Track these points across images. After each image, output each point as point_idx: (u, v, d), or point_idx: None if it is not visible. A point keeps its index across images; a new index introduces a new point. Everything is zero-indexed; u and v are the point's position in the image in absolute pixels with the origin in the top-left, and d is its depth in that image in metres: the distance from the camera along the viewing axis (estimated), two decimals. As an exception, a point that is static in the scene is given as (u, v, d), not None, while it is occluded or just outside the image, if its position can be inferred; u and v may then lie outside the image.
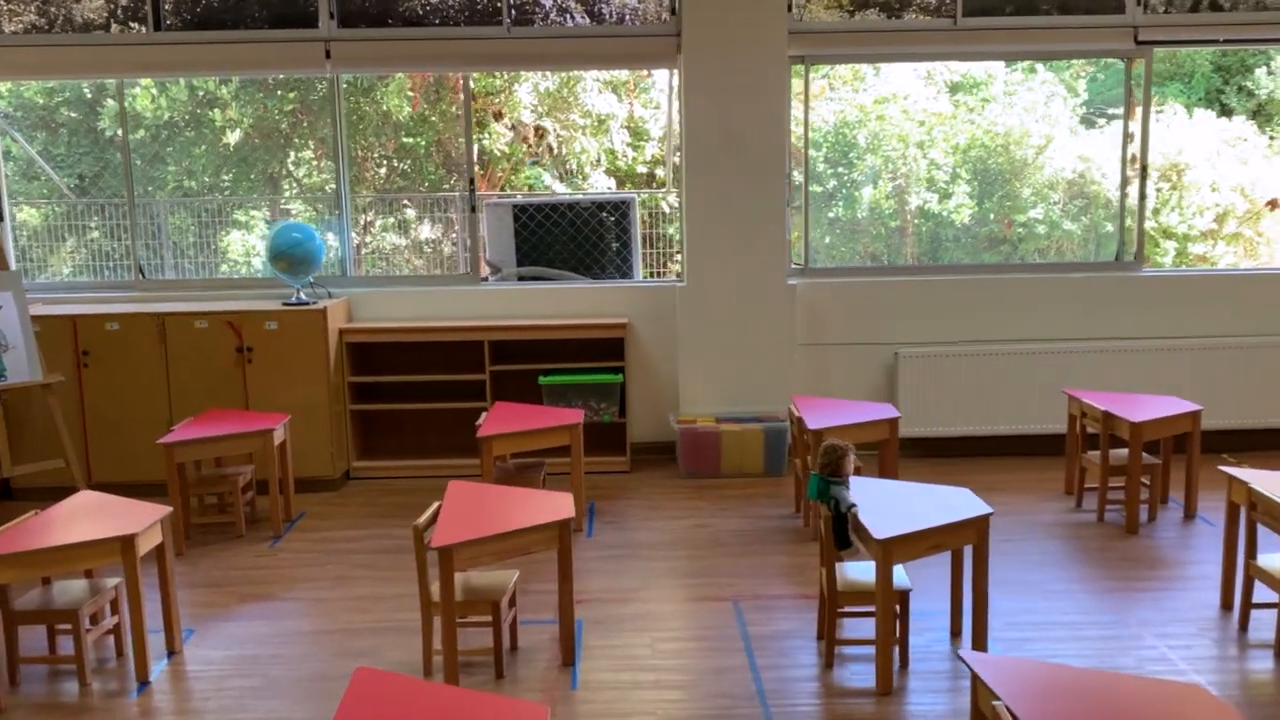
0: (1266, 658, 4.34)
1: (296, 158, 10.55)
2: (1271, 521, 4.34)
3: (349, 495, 6.71)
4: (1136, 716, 2.68)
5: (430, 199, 11.34)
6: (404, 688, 2.92)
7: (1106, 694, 2.81)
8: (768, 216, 6.90)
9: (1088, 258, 11.43)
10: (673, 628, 4.72)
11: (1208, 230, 12.07)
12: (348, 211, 7.32)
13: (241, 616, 4.91)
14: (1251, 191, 12.18)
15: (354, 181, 11.30)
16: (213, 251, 11.28)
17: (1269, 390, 7.04)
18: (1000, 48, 7.21)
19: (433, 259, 11.68)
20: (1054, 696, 2.76)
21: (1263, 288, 7.24)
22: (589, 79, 10.52)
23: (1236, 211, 12.09)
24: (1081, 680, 2.92)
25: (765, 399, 7.00)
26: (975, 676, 2.95)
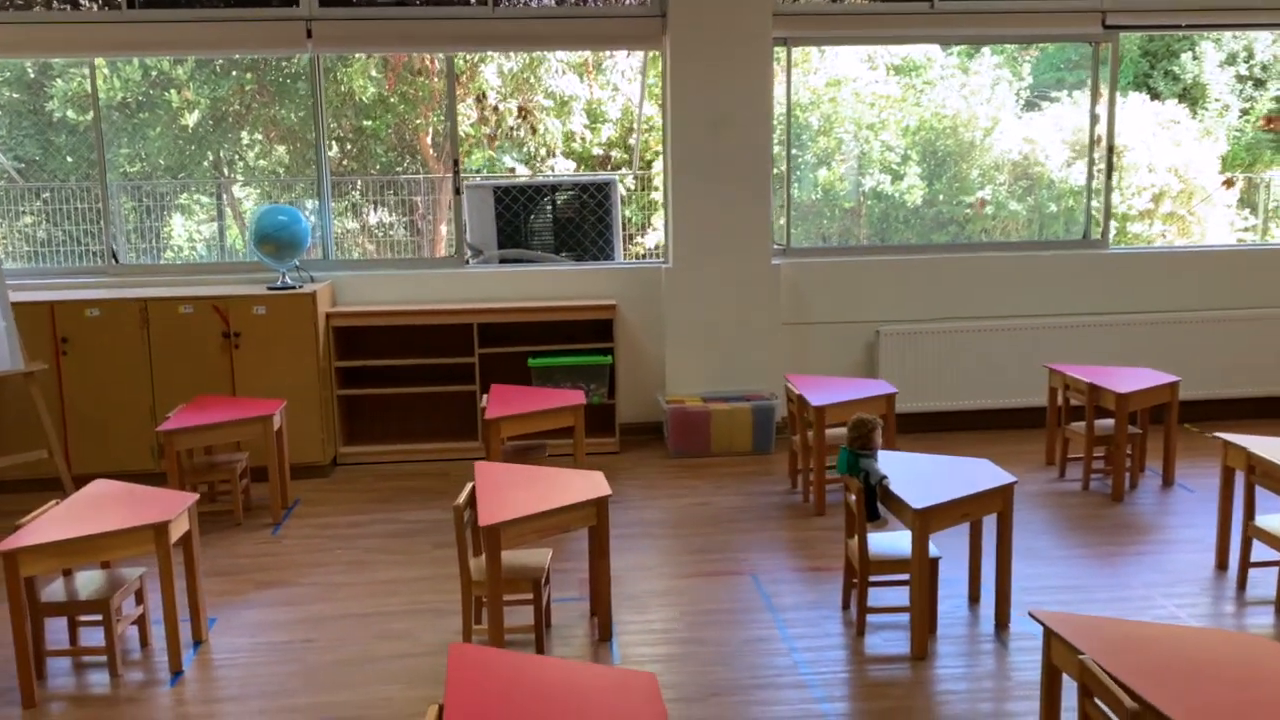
0: (1268, 613, 4.57)
1: (250, 139, 10.35)
2: (1272, 483, 4.56)
3: (341, 481, 6.65)
4: (1217, 665, 2.82)
5: (386, 182, 11.21)
6: (504, 661, 2.94)
7: (1180, 646, 2.95)
8: (752, 197, 6.99)
9: (1033, 237, 11.80)
10: (698, 602, 4.79)
11: (1145, 210, 12.52)
12: (328, 194, 7.22)
13: (261, 603, 4.85)
14: (1185, 172, 12.67)
15: (304, 163, 11.14)
16: (154, 236, 11.03)
17: (1226, 362, 7.35)
18: (974, 31, 7.38)
19: (384, 243, 11.57)
20: (1132, 649, 2.89)
21: (1221, 264, 7.56)
22: (553, 60, 10.49)
23: (1171, 192, 12.56)
24: (1152, 633, 3.07)
25: (752, 378, 7.10)
26: (1051, 633, 3.07)
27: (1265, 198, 13.36)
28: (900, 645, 4.34)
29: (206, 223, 11.61)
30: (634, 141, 11.46)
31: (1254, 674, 2.79)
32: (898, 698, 3.94)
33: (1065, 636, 2.98)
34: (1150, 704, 2.59)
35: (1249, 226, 13.14)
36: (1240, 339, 7.39)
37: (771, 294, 7.07)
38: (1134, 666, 2.78)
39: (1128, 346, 7.26)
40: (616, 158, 11.91)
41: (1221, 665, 2.86)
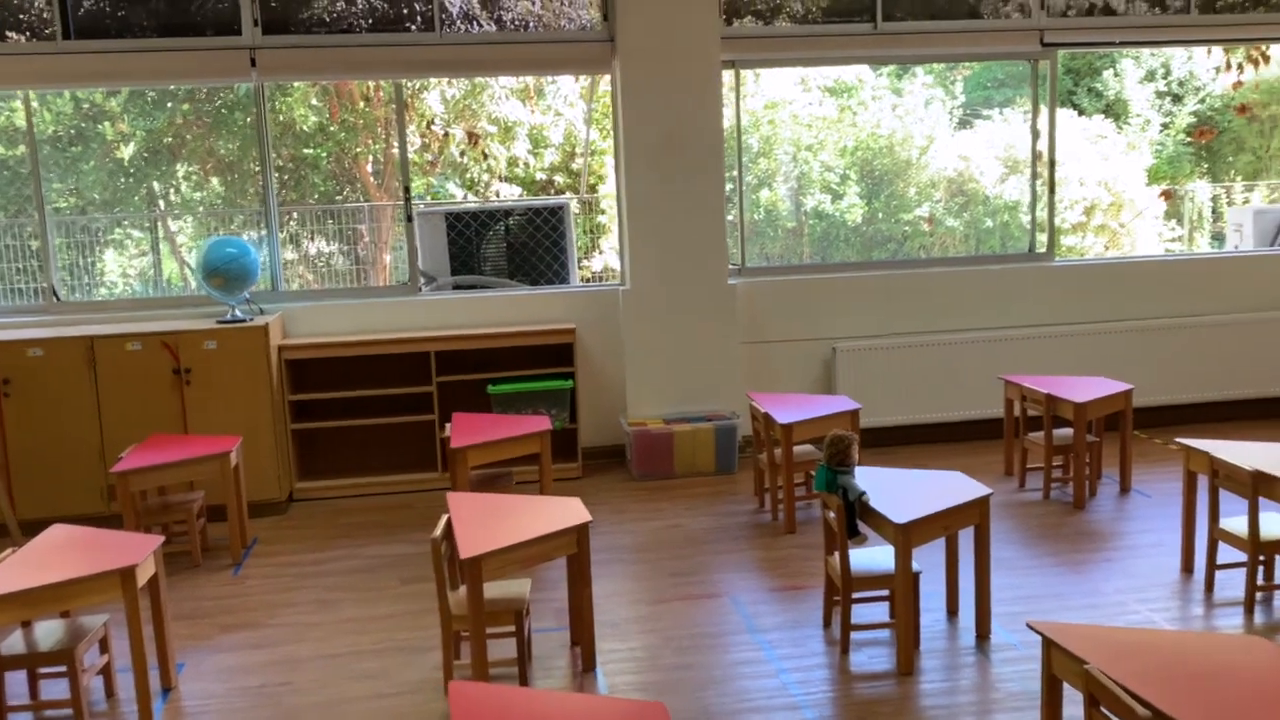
0: (1237, 614, 4.66)
1: (186, 171, 10.13)
2: (1235, 486, 4.66)
3: (298, 518, 6.49)
4: (1219, 668, 2.86)
5: (326, 211, 11.05)
6: (508, 697, 2.87)
7: (1178, 650, 2.99)
8: (706, 218, 7.00)
9: (970, 252, 12.01)
10: (680, 626, 4.74)
11: (1078, 223, 12.82)
12: (275, 224, 7.08)
13: (230, 647, 4.70)
14: (1114, 186, 13.00)
15: (241, 195, 10.95)
16: (86, 273, 10.73)
17: (1172, 370, 7.52)
18: (916, 51, 7.49)
19: (325, 274, 11.39)
20: (1134, 656, 2.92)
21: (1163, 274, 7.75)
22: (496, 85, 10.44)
23: (1102, 204, 12.88)
24: (1150, 639, 3.10)
25: (712, 398, 7.10)
26: (1051, 643, 3.09)
27: (1190, 209, 13.77)
28: (885, 661, 4.34)
29: (138, 257, 11.33)
30: (580, 165, 11.46)
31: (1256, 675, 2.83)
32: (889, 715, 3.93)
33: (1067, 646, 3.00)
34: (1162, 711, 2.61)
35: (1176, 237, 13.54)
36: (1185, 346, 7.57)
37: (729, 313, 7.08)
38: (1139, 673, 2.80)
39: (1076, 356, 7.39)
40: (560, 182, 11.89)
41: (1223, 668, 2.89)
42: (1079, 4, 7.46)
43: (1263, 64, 8.00)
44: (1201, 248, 13.16)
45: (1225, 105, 14.45)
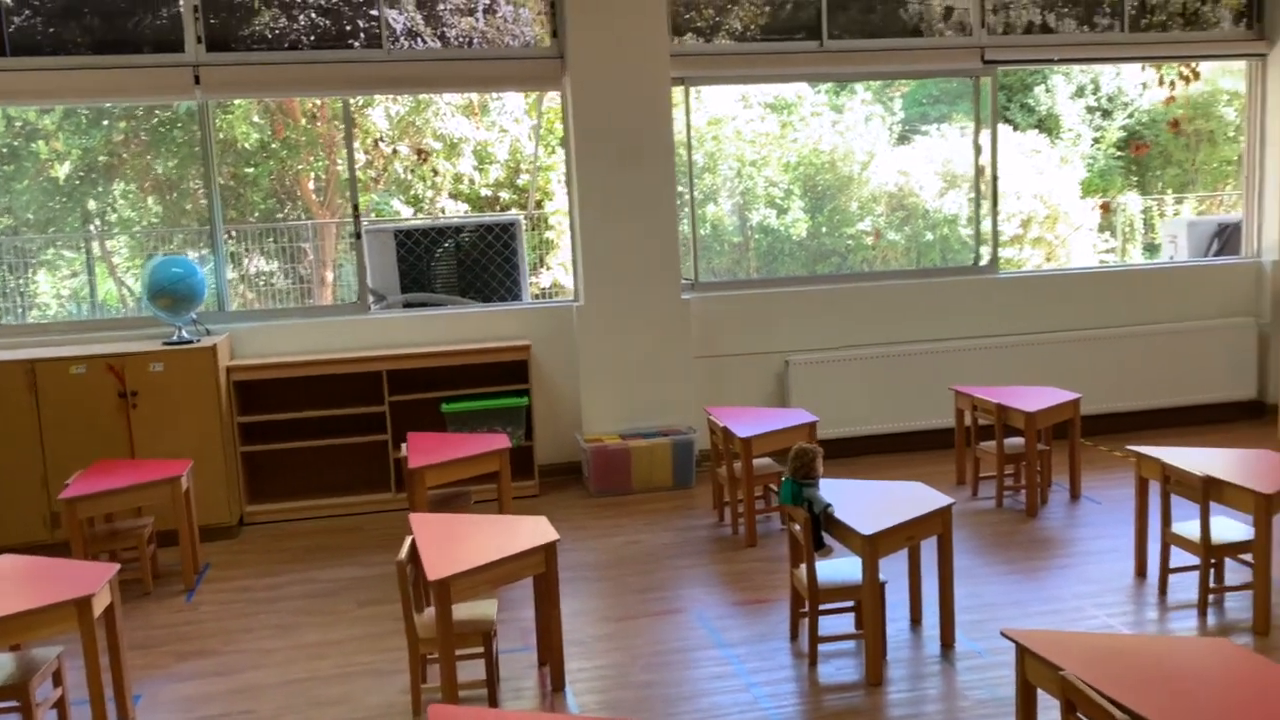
0: (1191, 616, 4.76)
1: (124, 190, 9.92)
2: (1187, 491, 4.77)
3: (249, 542, 6.36)
4: (1190, 671, 2.92)
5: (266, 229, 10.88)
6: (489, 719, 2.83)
7: (1148, 655, 3.04)
8: (659, 233, 7.02)
9: (910, 265, 12.20)
10: (647, 643, 4.73)
11: (1015, 235, 13.07)
12: (221, 243, 6.96)
13: (187, 675, 4.59)
14: (1049, 199, 13.30)
15: (180, 214, 10.75)
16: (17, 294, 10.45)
17: (1113, 378, 7.68)
18: (862, 68, 7.60)
19: (265, 293, 11.22)
20: (1108, 662, 2.97)
21: (1104, 284, 7.93)
22: (441, 102, 10.39)
23: (1038, 217, 13.16)
24: (1122, 645, 3.15)
25: (668, 413, 7.11)
26: (1025, 650, 3.13)
27: (1122, 221, 14.12)
28: (853, 672, 4.37)
29: (70, 278, 11.07)
30: (530, 180, 11.43)
31: (1227, 677, 2.89)
32: (861, 725, 3.96)
33: (1041, 653, 3.04)
34: (1140, 715, 2.65)
35: (1109, 249, 13.87)
36: (1125, 356, 7.75)
37: (683, 328, 7.10)
38: (1115, 679, 2.85)
39: (1020, 366, 7.53)
40: (505, 199, 11.84)
41: (1193, 671, 2.95)
42: (1016, 23, 7.63)
43: (1193, 80, 8.23)
44: (1134, 259, 13.49)
45: (1153, 120, 14.85)
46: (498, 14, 8.79)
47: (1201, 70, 8.81)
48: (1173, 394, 7.88)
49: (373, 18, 6.82)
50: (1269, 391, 8.03)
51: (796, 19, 7.32)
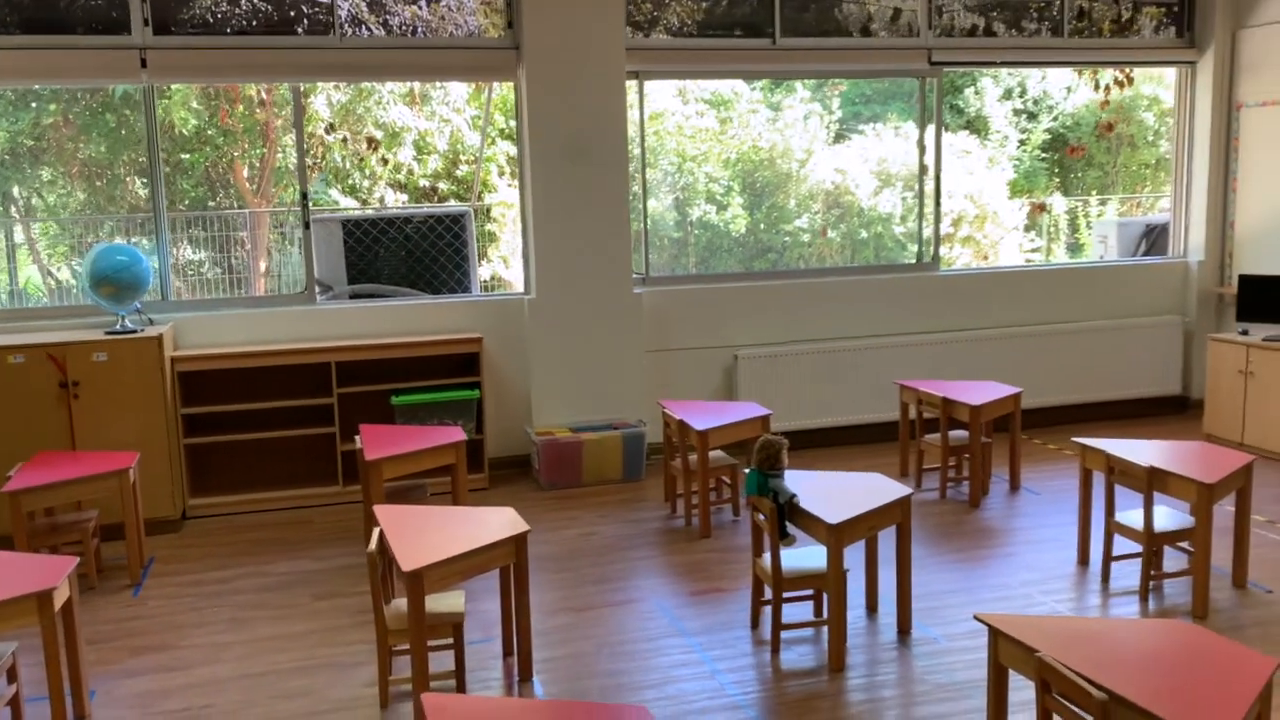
0: (1133, 601, 4.93)
1: (53, 175, 9.62)
2: (1131, 481, 4.95)
3: (194, 535, 6.25)
4: (1155, 651, 3.04)
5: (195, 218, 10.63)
6: (484, 707, 2.84)
7: (1113, 636, 3.16)
8: (612, 227, 7.05)
9: (845, 263, 12.38)
10: (610, 633, 4.76)
11: (946, 234, 13.34)
12: (164, 231, 6.81)
13: (141, 671, 4.49)
14: (979, 198, 13.61)
15: (108, 200, 10.47)
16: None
17: (1043, 373, 7.91)
18: (812, 66, 7.71)
19: (195, 284, 10.98)
20: (1079, 643, 3.08)
21: (1038, 282, 8.16)
22: (384, 91, 10.26)
23: (968, 217, 13.46)
24: (1089, 627, 3.27)
25: (617, 406, 7.14)
26: (999, 633, 3.23)
27: (1047, 221, 14.50)
28: (814, 659, 4.45)
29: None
30: (473, 171, 11.34)
31: (1190, 656, 3.02)
32: (829, 710, 4.03)
33: (1016, 636, 3.14)
34: (1116, 693, 2.76)
35: (1035, 248, 14.24)
36: (1058, 351, 7.99)
37: (634, 322, 7.14)
38: (1088, 659, 2.96)
39: (956, 362, 7.72)
40: (444, 189, 11.75)
41: (1157, 650, 3.08)
42: (960, 26, 7.80)
43: (1127, 85, 8.51)
44: (1059, 258, 13.86)
45: (1077, 123, 15.28)
46: (441, 2, 8.74)
47: (1136, 76, 9.05)
48: (1101, 389, 8.15)
49: (317, 4, 6.71)
50: (1192, 387, 8.34)
51: (732, 15, 7.38)
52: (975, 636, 4.56)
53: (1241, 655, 2.99)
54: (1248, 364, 7.17)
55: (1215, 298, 8.28)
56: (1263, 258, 7.83)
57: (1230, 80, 8.05)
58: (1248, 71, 7.94)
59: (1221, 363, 7.40)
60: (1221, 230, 8.21)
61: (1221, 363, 7.40)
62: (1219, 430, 7.39)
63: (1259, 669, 2.87)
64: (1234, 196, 8.11)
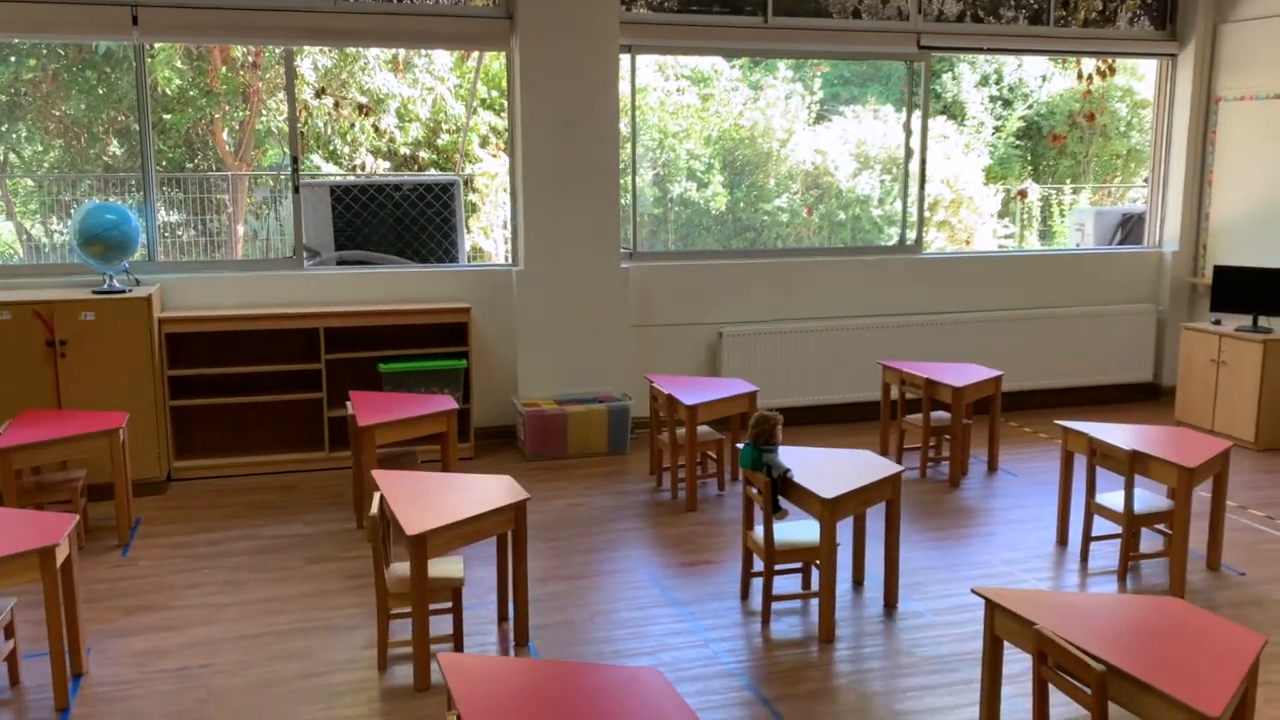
0: (1111, 581, 5.07)
1: (31, 131, 9.48)
2: (1113, 464, 5.07)
3: (179, 498, 6.24)
4: (1149, 626, 3.15)
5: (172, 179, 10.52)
6: (500, 667, 2.89)
7: (1106, 611, 3.27)
8: (601, 200, 7.08)
9: (823, 243, 12.48)
10: (603, 602, 4.83)
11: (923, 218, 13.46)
12: (153, 190, 6.75)
13: (137, 630, 4.51)
14: (955, 183, 13.74)
15: (88, 160, 10.34)
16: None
17: (1020, 356, 8.04)
18: (803, 46, 7.75)
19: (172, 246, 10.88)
20: (1075, 618, 3.18)
21: (1018, 268, 8.29)
22: (369, 56, 10.18)
23: (944, 201, 13.59)
24: (1081, 602, 3.38)
25: (603, 379, 7.19)
26: (996, 606, 3.33)
27: (1020, 208, 14.68)
28: (803, 629, 4.55)
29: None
30: (457, 139, 11.29)
31: (1182, 631, 3.13)
32: (819, 679, 4.13)
33: (1014, 609, 3.24)
34: (1113, 665, 2.87)
35: (1009, 234, 14.42)
36: (1034, 336, 8.13)
37: (621, 296, 7.18)
38: (1085, 632, 3.06)
39: (934, 343, 7.83)
40: (424, 158, 11.69)
41: (1149, 624, 3.19)
42: (947, 13, 7.87)
43: (1110, 75, 8.64)
44: (1032, 244, 14.04)
45: (1051, 111, 15.45)
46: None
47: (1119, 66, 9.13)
48: (1075, 374, 8.31)
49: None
50: (1163, 374, 8.52)
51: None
52: (959, 612, 4.70)
53: (1231, 631, 3.11)
54: (1220, 353, 7.34)
55: (1188, 287, 8.46)
56: (1235, 249, 8.00)
57: (1210, 74, 8.19)
58: (1227, 66, 8.08)
59: (1194, 351, 7.57)
60: (1196, 221, 8.37)
61: (1194, 351, 7.57)
62: (1190, 418, 7.57)
63: (1248, 645, 2.99)
64: (1209, 189, 8.27)
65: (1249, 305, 7.30)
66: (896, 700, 3.97)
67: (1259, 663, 2.98)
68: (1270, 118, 7.75)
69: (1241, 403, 7.22)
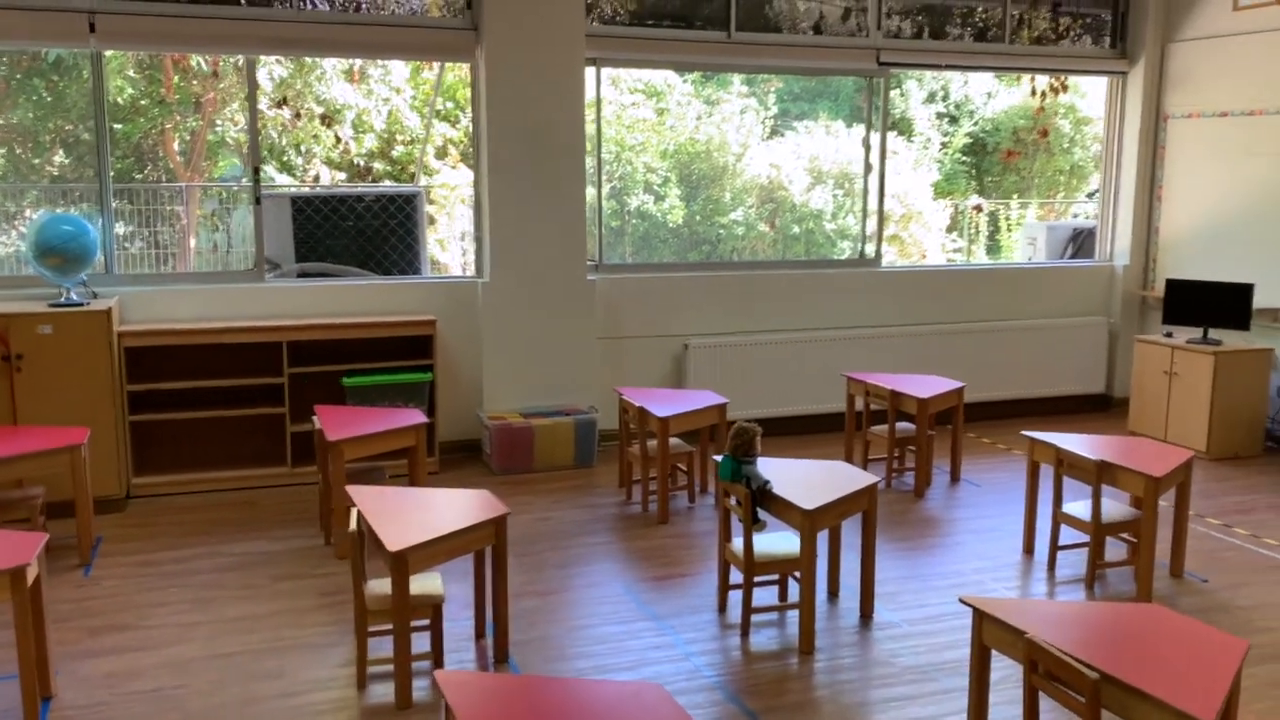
0: (1079, 589, 5.16)
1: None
2: (1080, 474, 5.17)
3: (140, 515, 6.10)
4: (1135, 633, 3.21)
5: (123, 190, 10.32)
6: (499, 684, 2.87)
7: (1094, 619, 3.33)
8: (567, 213, 7.07)
9: (777, 257, 12.59)
10: (580, 616, 4.81)
11: (873, 233, 13.63)
12: (110, 201, 6.62)
13: (106, 651, 4.40)
14: (905, 198, 13.93)
15: (33, 170, 10.11)
16: None
17: (974, 369, 8.15)
18: (766, 61, 7.82)
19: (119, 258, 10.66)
20: (1062, 626, 3.23)
21: (971, 281, 8.42)
22: (326, 66, 10.08)
23: (894, 216, 13.77)
24: (1067, 610, 3.43)
25: (569, 392, 7.17)
26: (984, 615, 3.37)
27: (967, 222, 14.92)
28: (782, 641, 4.56)
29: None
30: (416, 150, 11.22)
31: (1170, 636, 3.19)
32: (802, 691, 4.15)
33: (1002, 618, 3.28)
34: (1107, 673, 2.91)
35: (957, 249, 14.65)
36: (989, 348, 8.26)
37: (587, 309, 7.17)
38: (1074, 640, 3.11)
39: (894, 355, 7.93)
40: (378, 169, 11.60)
41: (1137, 632, 3.25)
42: (893, 29, 8.01)
43: (1062, 92, 8.82)
44: (980, 259, 14.27)
45: (996, 128, 15.73)
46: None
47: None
48: (1029, 386, 8.45)
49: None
50: (1115, 385, 8.69)
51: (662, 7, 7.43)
52: (934, 621, 4.75)
53: (1214, 637, 3.17)
54: (1172, 365, 7.52)
55: (1139, 300, 8.65)
56: (1184, 263, 8.20)
57: (1159, 92, 8.40)
58: (1175, 84, 8.29)
59: (1147, 363, 7.74)
60: (1147, 236, 8.56)
61: (1147, 363, 7.74)
62: (1143, 428, 7.73)
63: (1232, 650, 3.06)
64: (1159, 204, 8.48)
65: (1200, 318, 7.49)
66: (880, 711, 4.00)
67: (1243, 667, 3.05)
68: (1217, 135, 7.96)
69: (1193, 413, 7.39)
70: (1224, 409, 7.29)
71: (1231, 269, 7.71)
